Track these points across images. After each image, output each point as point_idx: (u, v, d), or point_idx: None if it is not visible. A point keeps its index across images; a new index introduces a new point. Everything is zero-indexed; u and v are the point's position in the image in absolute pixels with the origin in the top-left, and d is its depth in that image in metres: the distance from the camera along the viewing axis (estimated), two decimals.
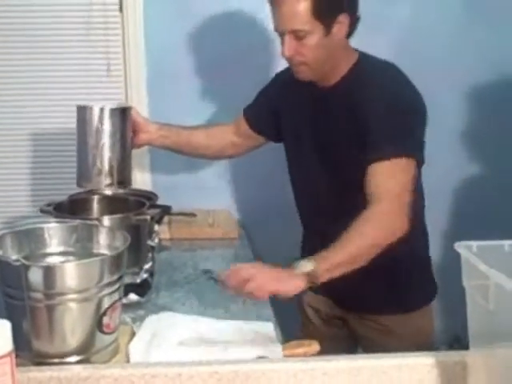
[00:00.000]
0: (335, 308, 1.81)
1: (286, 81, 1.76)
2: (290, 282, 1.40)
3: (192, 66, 2.34)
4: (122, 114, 1.78)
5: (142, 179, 2.41)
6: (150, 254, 1.74)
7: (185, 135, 1.94)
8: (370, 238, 1.45)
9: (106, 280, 1.20)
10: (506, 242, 1.04)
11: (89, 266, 1.20)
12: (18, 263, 1.12)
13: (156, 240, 1.91)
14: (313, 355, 1.33)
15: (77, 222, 1.35)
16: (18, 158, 2.42)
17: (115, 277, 1.23)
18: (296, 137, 1.74)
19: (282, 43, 1.58)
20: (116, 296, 1.24)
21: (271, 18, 1.59)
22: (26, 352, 1.19)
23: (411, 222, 1.50)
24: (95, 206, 1.74)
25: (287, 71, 1.74)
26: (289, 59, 1.61)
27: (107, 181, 1.76)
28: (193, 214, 2.27)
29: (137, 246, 1.65)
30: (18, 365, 1.20)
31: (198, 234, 2.20)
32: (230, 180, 2.48)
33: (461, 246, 1.00)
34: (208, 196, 2.44)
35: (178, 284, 1.80)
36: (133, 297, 1.57)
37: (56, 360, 1.18)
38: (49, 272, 1.15)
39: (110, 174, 1.75)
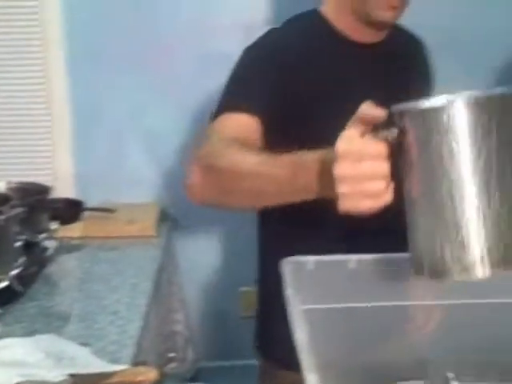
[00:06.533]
0: None
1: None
2: None
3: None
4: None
5: (63, 168, 2.19)
6: (23, 258, 1.52)
7: None
8: None
9: None
10: None
11: None
12: None
13: (48, 241, 1.72)
14: None
15: None
16: None
17: None
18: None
19: None
20: None
21: None
22: None
23: None
24: None
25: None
26: None
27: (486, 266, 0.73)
28: (110, 210, 2.04)
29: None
30: None
31: (112, 232, 1.97)
32: (168, 171, 2.23)
33: None
34: (143, 188, 2.23)
35: (58, 293, 1.58)
36: None
37: None
38: None
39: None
